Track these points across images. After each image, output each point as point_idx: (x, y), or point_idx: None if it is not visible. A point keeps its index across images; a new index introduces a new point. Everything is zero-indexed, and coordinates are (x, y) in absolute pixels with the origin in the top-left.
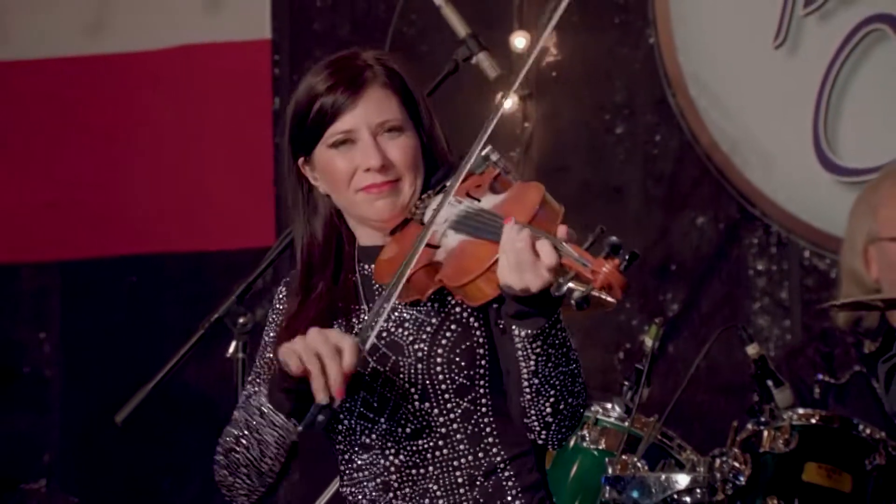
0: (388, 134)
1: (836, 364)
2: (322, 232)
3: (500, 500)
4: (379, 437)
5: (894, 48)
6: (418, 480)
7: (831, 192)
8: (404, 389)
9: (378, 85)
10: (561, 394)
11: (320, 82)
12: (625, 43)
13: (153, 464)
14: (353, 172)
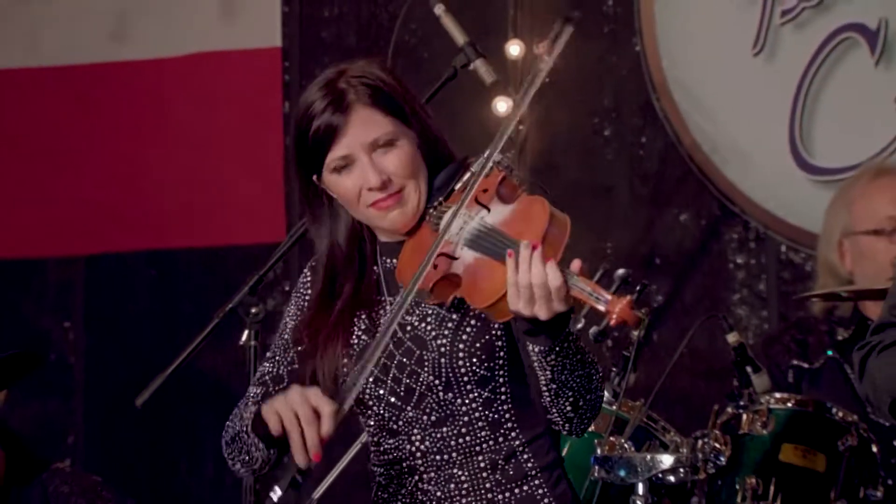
0: (381, 150)
1: (810, 351)
2: (345, 237)
3: (521, 480)
4: (405, 423)
5: (865, 55)
6: (443, 466)
7: (806, 190)
8: (429, 381)
9: (361, 105)
10: (578, 393)
11: (311, 107)
12: (613, 51)
13: (170, 444)
14: (358, 192)
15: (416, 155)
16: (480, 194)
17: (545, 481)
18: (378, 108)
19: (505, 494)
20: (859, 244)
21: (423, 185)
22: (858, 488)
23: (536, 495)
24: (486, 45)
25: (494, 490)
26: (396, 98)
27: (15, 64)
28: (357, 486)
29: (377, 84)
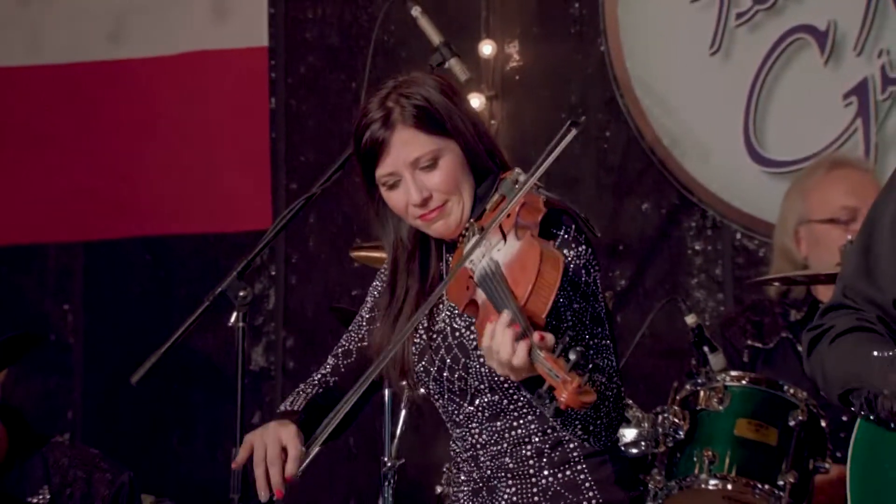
0: (424, 168)
1: (764, 332)
2: (409, 234)
3: (564, 465)
4: (466, 417)
5: (814, 55)
6: (497, 456)
7: (759, 181)
8: (476, 385)
9: (404, 125)
10: (585, 422)
11: (365, 117)
12: (579, 50)
13: (164, 419)
14: (405, 206)
15: (458, 169)
16: (504, 220)
17: (587, 466)
18: (420, 128)
19: (548, 479)
20: (815, 232)
21: (467, 196)
22: (808, 460)
23: (578, 480)
24: (460, 45)
25: (538, 475)
26: (440, 116)
27: (18, 62)
28: (339, 458)
29: (423, 104)
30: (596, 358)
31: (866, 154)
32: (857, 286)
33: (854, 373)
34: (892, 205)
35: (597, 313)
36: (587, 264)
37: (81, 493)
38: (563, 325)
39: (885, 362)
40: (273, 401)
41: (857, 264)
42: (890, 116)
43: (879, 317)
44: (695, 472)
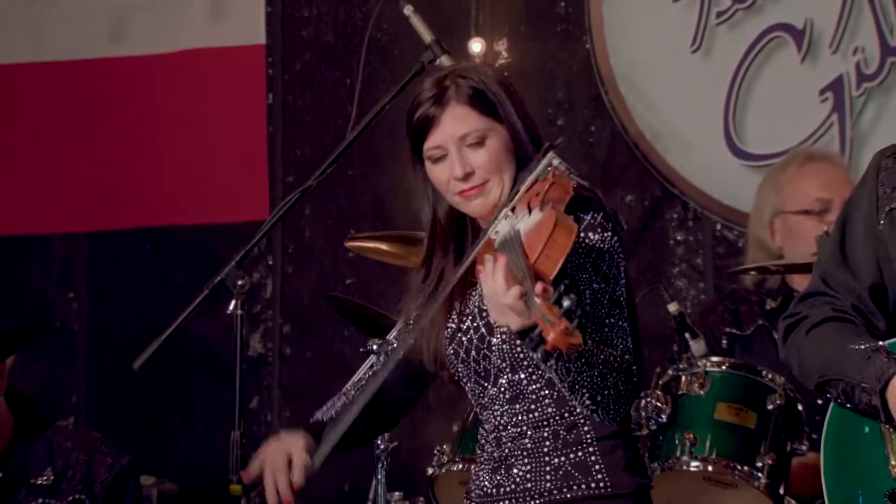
0: (470, 146)
1: (741, 319)
2: (445, 215)
3: (577, 446)
4: (490, 400)
5: (792, 52)
6: (516, 437)
7: (738, 174)
8: (498, 364)
9: (457, 102)
10: (592, 391)
11: (419, 96)
12: (565, 48)
13: (164, 403)
14: (447, 181)
15: (503, 153)
16: (533, 197)
17: (599, 449)
18: (473, 107)
19: (560, 459)
20: (789, 223)
21: (507, 179)
22: (785, 443)
23: (588, 461)
24: (450, 43)
25: (551, 454)
26: (493, 100)
27: (22, 59)
28: None
29: (478, 86)
30: (613, 338)
31: (841, 148)
32: (834, 274)
33: (831, 365)
34: (866, 198)
35: (616, 297)
36: (611, 249)
37: (82, 474)
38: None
39: (861, 355)
40: (270, 385)
41: (834, 254)
42: (864, 112)
43: (854, 305)
44: (677, 454)
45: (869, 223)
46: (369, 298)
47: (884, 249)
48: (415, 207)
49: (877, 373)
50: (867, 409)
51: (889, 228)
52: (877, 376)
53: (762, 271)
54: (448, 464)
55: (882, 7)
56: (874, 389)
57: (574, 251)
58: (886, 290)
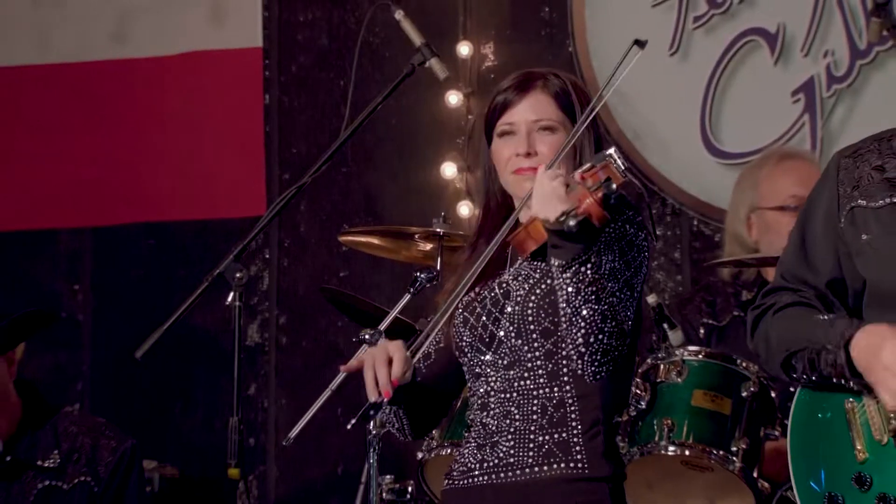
0: (541, 131)
1: (717, 310)
2: (500, 190)
3: (561, 427)
4: (485, 367)
5: (765, 55)
6: (504, 403)
7: (714, 171)
8: (505, 328)
9: (541, 91)
10: (590, 327)
11: (504, 83)
12: (549, 51)
13: (166, 391)
14: (509, 158)
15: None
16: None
17: (581, 432)
18: (554, 98)
19: (544, 437)
20: (765, 218)
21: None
22: (759, 428)
23: (571, 442)
24: (439, 46)
25: (537, 432)
26: (574, 103)
27: (29, 61)
28: (328, 427)
29: (563, 84)
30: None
31: (813, 147)
32: (794, 271)
33: (797, 337)
34: (826, 197)
35: (632, 283)
36: (640, 245)
37: (87, 458)
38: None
39: (826, 322)
40: (267, 374)
41: (795, 251)
42: (835, 112)
43: (817, 295)
44: (655, 439)
45: (829, 221)
46: (362, 290)
47: (844, 246)
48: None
49: (838, 333)
50: (832, 371)
51: (849, 226)
52: (840, 334)
53: (739, 264)
54: (437, 448)
55: (851, 12)
56: (838, 346)
57: (607, 234)
58: (846, 285)
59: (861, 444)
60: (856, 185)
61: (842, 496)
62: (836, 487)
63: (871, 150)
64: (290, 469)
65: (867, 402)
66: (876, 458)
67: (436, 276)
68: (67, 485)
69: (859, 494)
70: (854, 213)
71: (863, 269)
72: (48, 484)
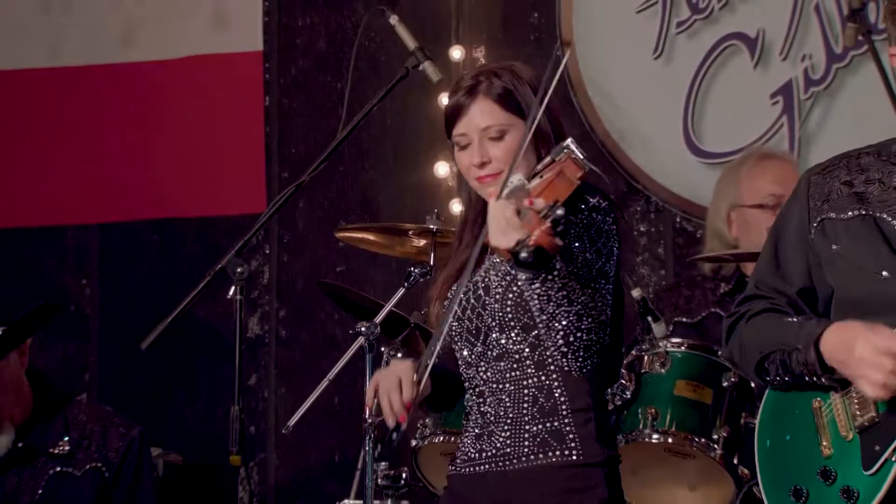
0: (491, 138)
1: (693, 306)
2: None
3: (553, 416)
4: (477, 357)
5: (745, 59)
6: (497, 392)
7: (697, 170)
8: (489, 323)
9: (486, 96)
10: (568, 329)
11: (457, 84)
12: (538, 55)
13: (170, 381)
14: (468, 167)
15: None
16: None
17: (573, 419)
18: (499, 104)
19: (538, 427)
20: (745, 216)
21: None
22: (739, 416)
23: (564, 430)
24: (432, 50)
25: (530, 422)
26: (520, 100)
27: (40, 64)
28: (325, 415)
29: (507, 85)
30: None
31: (791, 147)
32: (767, 280)
33: (770, 338)
34: (797, 211)
35: (605, 270)
36: (609, 231)
37: (97, 445)
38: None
39: (795, 325)
40: (267, 364)
41: (768, 262)
42: (812, 114)
43: (788, 302)
44: (640, 428)
45: (800, 233)
46: (358, 284)
47: (815, 256)
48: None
49: (809, 331)
50: (804, 370)
51: (820, 237)
52: (809, 334)
53: (719, 260)
54: (430, 436)
55: (828, 18)
56: (808, 345)
57: (575, 224)
58: (816, 293)
59: (827, 440)
60: (826, 199)
61: (806, 489)
62: (801, 481)
63: (839, 167)
64: (289, 456)
65: (834, 400)
66: (840, 454)
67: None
68: (79, 471)
69: (824, 487)
70: (824, 225)
71: (831, 277)
72: (60, 470)
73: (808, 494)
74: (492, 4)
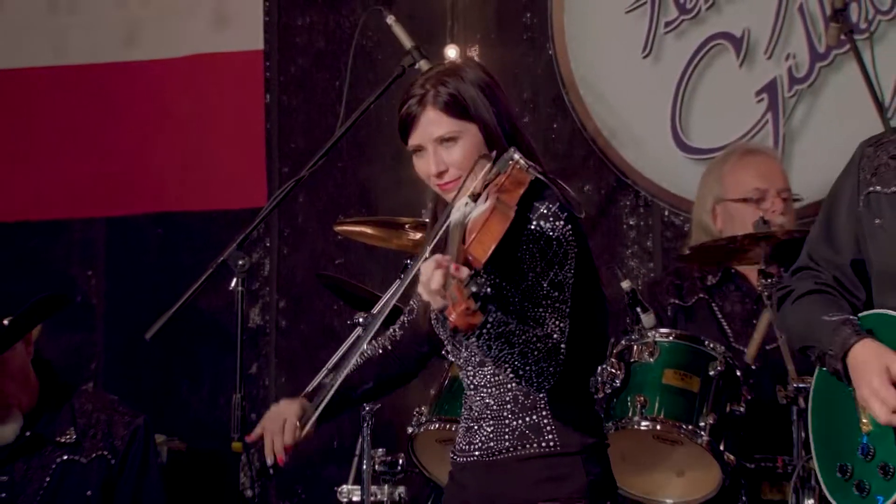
0: (444, 144)
1: (684, 293)
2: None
3: (531, 410)
4: (464, 362)
5: (731, 58)
6: (483, 395)
7: (684, 166)
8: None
9: (432, 106)
10: (514, 366)
11: (408, 91)
12: (530, 54)
13: (174, 370)
14: (427, 176)
15: (475, 149)
16: (491, 187)
17: (551, 412)
18: (446, 112)
19: (518, 421)
20: (729, 209)
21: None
22: (725, 404)
23: (541, 423)
24: (428, 49)
25: (510, 417)
26: (466, 105)
27: (47, 63)
28: None
29: (454, 93)
30: (546, 317)
31: (775, 143)
32: (819, 251)
33: (808, 333)
34: (849, 182)
35: (558, 281)
36: (560, 237)
37: (103, 433)
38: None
39: (831, 326)
40: (268, 354)
41: (820, 232)
42: (796, 111)
43: (836, 277)
44: (629, 415)
45: (851, 205)
46: (356, 276)
47: (862, 229)
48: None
49: (841, 342)
50: (834, 374)
51: (867, 210)
52: (840, 345)
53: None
54: (426, 423)
55: (812, 18)
56: (838, 356)
57: (524, 236)
58: (865, 265)
59: (867, 417)
60: (874, 171)
61: (851, 465)
62: (846, 458)
63: (891, 141)
64: None
65: None
66: (879, 431)
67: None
68: (86, 459)
69: (864, 463)
70: (870, 198)
71: (873, 251)
72: (67, 458)
73: (852, 470)
74: (485, 5)
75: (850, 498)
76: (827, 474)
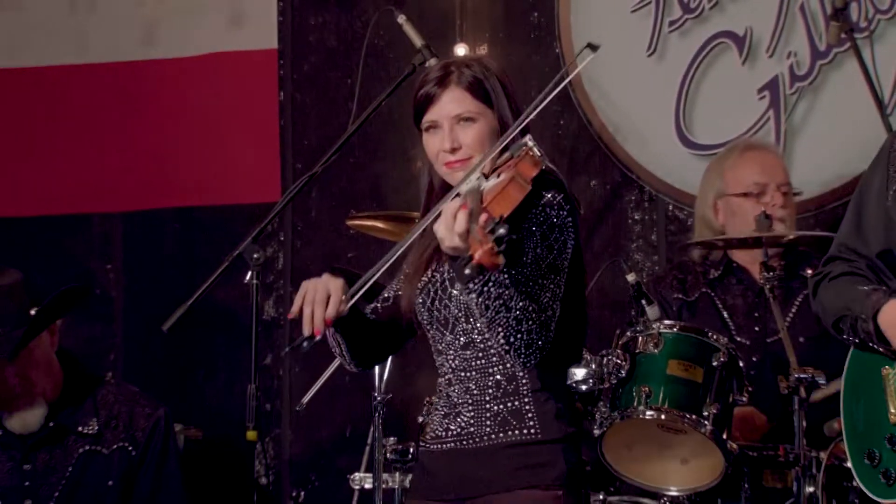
0: (462, 123)
1: (687, 287)
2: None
3: (514, 396)
4: (446, 346)
5: (734, 56)
6: (464, 380)
7: (688, 161)
8: (455, 313)
9: (457, 85)
10: (507, 331)
11: (426, 76)
12: (537, 52)
13: (190, 361)
14: (437, 153)
15: (488, 134)
16: (503, 166)
17: (533, 399)
18: (470, 91)
19: (499, 406)
20: (731, 204)
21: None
22: (728, 394)
23: (523, 410)
24: (438, 47)
25: (491, 402)
26: (489, 89)
27: (68, 61)
28: (337, 393)
29: (477, 75)
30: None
31: (776, 140)
32: (848, 242)
33: (844, 303)
34: (878, 175)
35: (556, 265)
36: (562, 225)
37: (124, 424)
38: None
39: (865, 292)
40: (282, 346)
41: (850, 224)
42: (797, 108)
43: (868, 265)
44: (634, 405)
45: (880, 198)
46: (368, 270)
47: (891, 221)
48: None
49: (872, 304)
50: (866, 336)
51: (894, 203)
52: (872, 306)
53: (707, 246)
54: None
55: (813, 17)
56: (869, 317)
57: (529, 220)
58: (895, 256)
59: (894, 406)
60: None
61: (879, 453)
62: (874, 444)
63: None
64: (303, 431)
65: None
66: None
67: None
68: (107, 449)
69: (891, 452)
70: None
71: None
72: (89, 448)
73: (880, 457)
74: (494, 4)
75: (877, 485)
76: (857, 460)
